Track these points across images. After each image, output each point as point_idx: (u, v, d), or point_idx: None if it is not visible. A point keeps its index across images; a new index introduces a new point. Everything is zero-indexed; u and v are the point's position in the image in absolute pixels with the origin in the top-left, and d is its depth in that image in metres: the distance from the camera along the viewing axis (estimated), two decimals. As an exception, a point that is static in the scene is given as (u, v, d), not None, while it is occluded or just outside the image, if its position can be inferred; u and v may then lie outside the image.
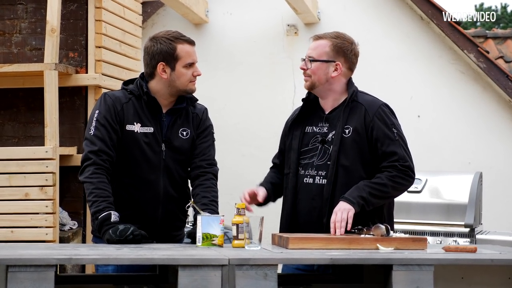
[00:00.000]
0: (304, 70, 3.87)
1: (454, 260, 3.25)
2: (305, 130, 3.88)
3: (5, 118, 5.76)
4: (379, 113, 3.78)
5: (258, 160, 7.81)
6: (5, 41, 5.77)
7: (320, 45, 3.84)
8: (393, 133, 3.76)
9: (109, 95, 3.78)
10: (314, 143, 3.84)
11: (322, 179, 3.77)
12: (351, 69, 3.90)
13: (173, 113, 3.82)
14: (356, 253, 3.29)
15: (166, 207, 3.79)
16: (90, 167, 3.65)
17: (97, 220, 3.57)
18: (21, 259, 2.96)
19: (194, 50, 3.83)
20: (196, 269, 3.06)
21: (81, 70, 5.65)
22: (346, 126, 3.77)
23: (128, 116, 3.74)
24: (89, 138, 3.70)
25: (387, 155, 3.74)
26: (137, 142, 3.73)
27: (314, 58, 3.84)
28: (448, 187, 5.99)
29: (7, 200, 5.27)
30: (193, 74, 3.80)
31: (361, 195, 3.66)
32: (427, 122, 7.81)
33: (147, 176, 3.75)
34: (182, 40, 3.79)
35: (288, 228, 3.84)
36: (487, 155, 7.76)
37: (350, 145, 3.75)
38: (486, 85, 7.78)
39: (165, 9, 8.29)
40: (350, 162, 3.74)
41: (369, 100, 3.84)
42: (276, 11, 8.12)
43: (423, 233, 5.80)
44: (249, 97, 8.18)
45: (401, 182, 3.74)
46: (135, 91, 3.78)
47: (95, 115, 3.72)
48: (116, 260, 3.15)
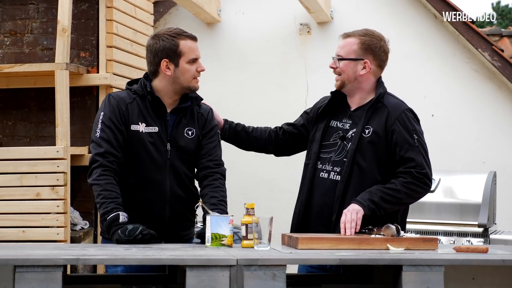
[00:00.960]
0: (334, 68, 3.84)
1: (465, 261, 3.22)
2: (329, 123, 3.87)
3: (17, 118, 5.76)
4: (402, 117, 3.74)
5: (271, 160, 7.75)
6: (17, 41, 5.78)
7: (349, 43, 3.81)
8: (413, 139, 3.72)
9: (113, 96, 3.77)
10: (335, 138, 3.82)
11: (336, 175, 3.76)
12: (381, 66, 3.86)
13: (177, 112, 3.80)
14: (365, 254, 3.26)
15: (173, 207, 3.77)
16: (97, 169, 3.65)
17: (106, 221, 3.57)
18: (29, 259, 2.95)
19: (196, 46, 3.80)
20: (204, 270, 3.04)
21: (92, 70, 5.65)
22: (367, 126, 3.75)
23: (132, 116, 3.72)
24: (95, 141, 3.70)
25: (405, 160, 3.70)
26: (142, 142, 3.72)
27: (342, 57, 3.82)
28: (462, 187, 5.96)
29: (19, 200, 5.27)
30: (197, 70, 3.77)
31: (372, 199, 3.63)
32: (441, 121, 7.75)
33: (153, 176, 3.73)
34: (184, 36, 3.76)
35: (301, 218, 3.83)
36: (501, 154, 7.70)
37: (367, 146, 3.72)
38: (500, 84, 7.73)
39: (178, 8, 8.27)
40: (366, 162, 3.72)
41: (394, 103, 3.80)
42: (288, 10, 8.09)
43: (436, 233, 5.77)
44: (261, 97, 8.15)
45: (416, 189, 3.70)
46: (139, 91, 3.77)
47: (100, 117, 3.71)
48: (123, 261, 3.14)
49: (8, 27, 5.78)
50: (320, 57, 8.02)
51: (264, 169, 7.77)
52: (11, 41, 5.78)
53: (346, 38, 3.84)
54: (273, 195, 7.85)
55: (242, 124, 4.14)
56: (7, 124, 5.76)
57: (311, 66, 8.06)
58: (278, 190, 7.81)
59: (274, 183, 7.85)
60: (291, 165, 7.63)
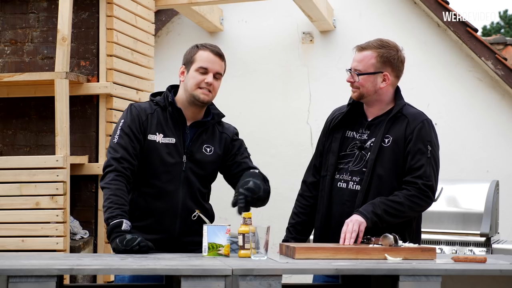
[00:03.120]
0: (351, 82, 3.80)
1: (462, 271, 3.18)
2: (345, 134, 3.84)
3: (17, 127, 5.75)
4: (420, 127, 3.72)
5: (274, 169, 7.77)
6: (17, 50, 5.77)
7: (366, 57, 3.77)
8: (427, 149, 3.69)
9: (135, 105, 3.81)
10: (352, 148, 3.80)
11: (355, 184, 3.74)
12: (399, 76, 3.85)
13: (197, 126, 3.82)
14: (363, 263, 3.23)
15: (184, 221, 3.76)
16: (110, 174, 3.65)
17: (109, 226, 3.56)
18: (22, 270, 2.93)
19: (214, 59, 3.78)
20: (199, 280, 3.01)
21: (93, 79, 5.64)
22: (387, 135, 3.73)
23: (151, 126, 3.75)
24: (112, 146, 3.72)
25: (414, 169, 3.68)
26: (158, 152, 3.73)
27: (361, 72, 3.77)
28: (464, 196, 5.92)
29: (18, 209, 5.26)
30: (204, 80, 3.76)
31: (375, 211, 3.61)
32: (444, 130, 7.72)
33: (165, 186, 3.73)
34: (205, 48, 3.80)
35: (322, 230, 3.80)
36: (505, 163, 7.67)
37: (387, 155, 3.70)
38: (504, 93, 7.70)
39: (180, 17, 8.27)
40: (385, 171, 3.70)
41: (414, 113, 3.78)
42: (291, 19, 8.08)
43: (438, 242, 5.73)
44: (264, 105, 8.14)
45: (419, 203, 3.68)
46: (161, 102, 3.81)
47: (120, 124, 3.76)
48: (118, 271, 3.12)
49: (9, 36, 5.78)
50: (323, 65, 8.01)
51: (267, 178, 7.74)
52: (11, 50, 5.77)
53: (362, 52, 3.78)
54: (275, 204, 7.79)
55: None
56: (7, 133, 5.74)
57: (313, 74, 8.05)
58: (280, 199, 7.76)
59: (276, 192, 7.77)
60: (294, 174, 7.63)
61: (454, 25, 7.62)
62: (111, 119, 5.61)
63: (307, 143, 7.99)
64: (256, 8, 8.19)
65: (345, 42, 7.82)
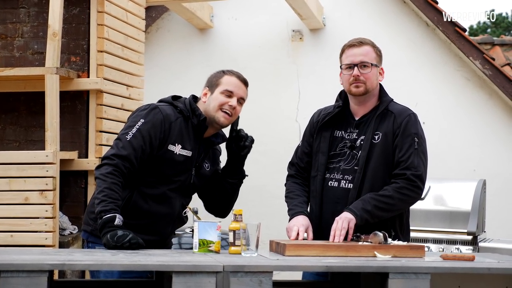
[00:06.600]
0: (358, 76, 3.79)
1: (451, 269, 3.22)
2: (334, 134, 3.88)
3: (7, 122, 5.74)
4: (407, 120, 3.77)
5: (263, 166, 7.78)
6: (7, 44, 5.76)
7: (368, 51, 3.83)
8: (413, 141, 3.74)
9: (161, 109, 3.78)
10: (342, 148, 3.83)
11: (348, 183, 3.77)
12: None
13: (206, 143, 3.91)
14: (352, 261, 3.26)
15: (175, 226, 3.89)
16: (109, 167, 3.63)
17: (101, 219, 3.54)
18: (13, 264, 2.94)
19: (239, 85, 3.89)
20: (190, 276, 3.03)
21: (83, 75, 5.63)
22: (376, 132, 3.77)
23: (172, 136, 3.76)
24: (122, 140, 3.71)
25: (401, 161, 3.72)
26: (173, 162, 3.77)
27: (370, 64, 3.81)
28: (451, 195, 5.96)
29: (7, 204, 5.24)
30: (228, 103, 3.81)
31: (365, 208, 3.63)
32: (432, 129, 7.75)
33: (169, 193, 3.80)
34: (232, 73, 3.89)
35: (315, 229, 3.80)
36: (492, 162, 7.71)
37: (378, 151, 3.74)
38: (491, 92, 7.74)
39: (170, 14, 8.27)
40: (377, 167, 3.73)
41: (400, 109, 3.84)
42: (281, 17, 8.09)
43: (426, 240, 5.77)
44: (253, 103, 8.10)
45: (408, 194, 3.70)
46: (185, 111, 3.82)
47: (140, 122, 3.73)
48: (109, 266, 3.13)
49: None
50: (312, 63, 8.03)
51: (255, 174, 7.72)
52: (1, 44, 5.76)
53: (363, 46, 3.84)
54: (263, 201, 7.85)
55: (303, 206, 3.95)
56: (-4, 128, 5.74)
57: (303, 72, 8.06)
58: (268, 196, 7.80)
59: (264, 189, 7.84)
60: (282, 171, 7.61)
61: (442, 25, 7.66)
62: (101, 115, 5.60)
63: (296, 140, 7.99)
64: (246, 6, 8.20)
65: (335, 41, 7.83)
